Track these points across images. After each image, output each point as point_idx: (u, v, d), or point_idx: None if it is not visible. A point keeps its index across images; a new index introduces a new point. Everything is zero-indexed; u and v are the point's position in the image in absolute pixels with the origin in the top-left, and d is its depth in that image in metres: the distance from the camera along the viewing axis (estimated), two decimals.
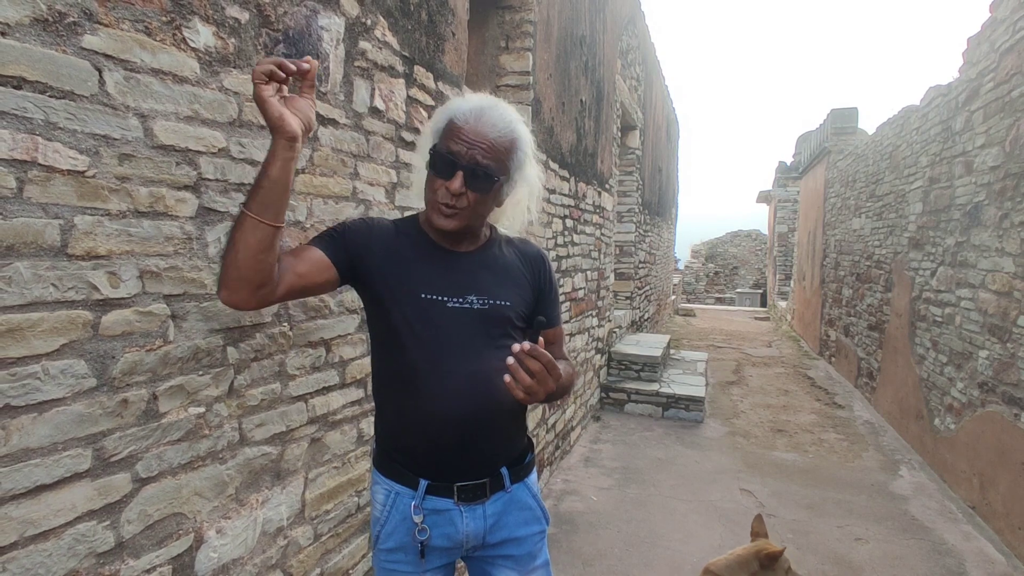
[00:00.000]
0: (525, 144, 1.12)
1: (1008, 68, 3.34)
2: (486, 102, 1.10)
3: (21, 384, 0.89)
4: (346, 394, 1.67)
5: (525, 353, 0.94)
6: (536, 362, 0.94)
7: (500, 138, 1.07)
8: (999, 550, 3.05)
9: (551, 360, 0.96)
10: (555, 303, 1.30)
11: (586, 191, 4.36)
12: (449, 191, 1.05)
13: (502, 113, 1.09)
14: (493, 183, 1.08)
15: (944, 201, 4.21)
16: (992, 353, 3.33)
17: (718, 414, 5.41)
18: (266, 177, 0.92)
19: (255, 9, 1.28)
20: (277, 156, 0.91)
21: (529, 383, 0.94)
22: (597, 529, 3.14)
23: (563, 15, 3.59)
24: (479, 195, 1.08)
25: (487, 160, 1.06)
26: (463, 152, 1.05)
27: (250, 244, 0.94)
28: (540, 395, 0.97)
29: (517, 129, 1.10)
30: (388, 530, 1.17)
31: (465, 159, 1.05)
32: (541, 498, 1.28)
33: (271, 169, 0.91)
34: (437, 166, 1.08)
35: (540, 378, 0.95)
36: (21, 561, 0.90)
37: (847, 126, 8.48)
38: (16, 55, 0.86)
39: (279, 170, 0.91)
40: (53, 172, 0.92)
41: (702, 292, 20.37)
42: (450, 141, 1.07)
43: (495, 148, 1.07)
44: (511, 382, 0.95)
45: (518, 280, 1.21)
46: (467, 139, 1.05)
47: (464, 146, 1.05)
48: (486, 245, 1.21)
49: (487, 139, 1.06)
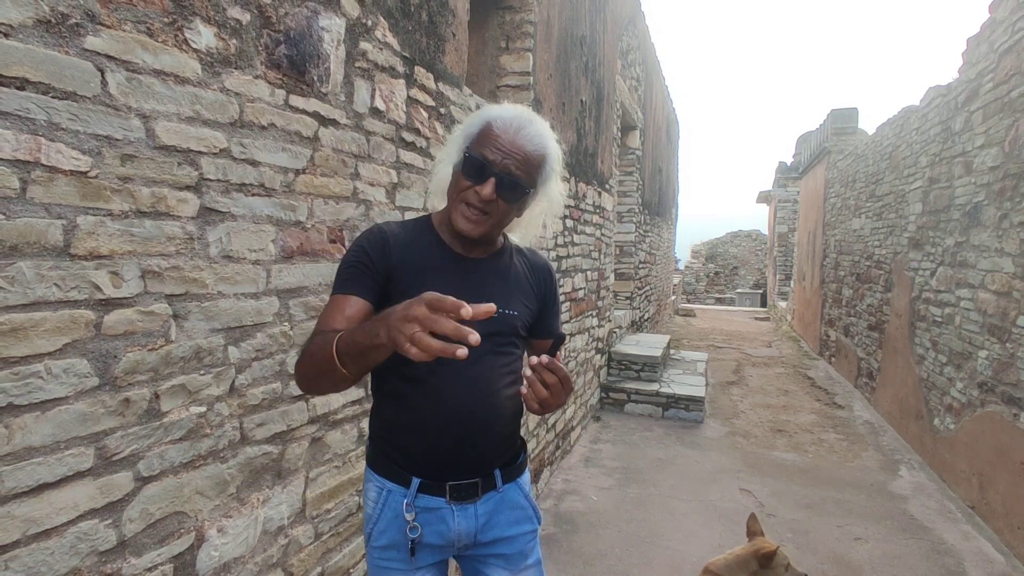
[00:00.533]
0: (554, 161, 1.13)
1: (1007, 69, 3.34)
2: (525, 116, 1.10)
3: (24, 383, 0.90)
4: (346, 394, 1.68)
5: (543, 367, 0.96)
6: (552, 376, 0.96)
7: (534, 153, 1.08)
8: (998, 550, 3.06)
9: (567, 375, 0.98)
10: (557, 315, 1.33)
11: (586, 191, 4.36)
12: (480, 196, 1.06)
13: (539, 129, 1.10)
14: (524, 194, 1.10)
15: (944, 201, 4.22)
16: (992, 353, 3.34)
17: (718, 414, 5.41)
18: (365, 356, 0.89)
19: (256, 10, 1.28)
20: (382, 348, 0.85)
21: (545, 396, 0.97)
22: (597, 529, 3.14)
23: (563, 15, 3.59)
24: (507, 204, 1.09)
25: (520, 172, 1.07)
26: (498, 160, 1.06)
27: (336, 386, 0.97)
28: (553, 408, 1.00)
29: (550, 146, 1.11)
30: (380, 527, 1.17)
31: (499, 167, 1.06)
32: (532, 498, 1.29)
33: (373, 354, 0.88)
34: (469, 170, 1.07)
35: (555, 391, 0.97)
36: (24, 559, 0.91)
37: (847, 126, 8.48)
38: (19, 56, 0.86)
39: (377, 356, 0.88)
40: (56, 172, 0.92)
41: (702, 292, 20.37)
42: (485, 148, 1.07)
43: (529, 161, 1.08)
44: (528, 394, 0.97)
45: (526, 291, 1.23)
46: (504, 148, 1.06)
47: (500, 155, 1.06)
48: (498, 253, 1.22)
49: (523, 151, 1.07)
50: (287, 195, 1.41)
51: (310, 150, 1.48)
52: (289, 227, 1.43)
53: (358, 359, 0.89)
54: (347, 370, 0.91)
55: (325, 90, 1.52)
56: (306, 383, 1.02)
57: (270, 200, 1.36)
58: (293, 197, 1.43)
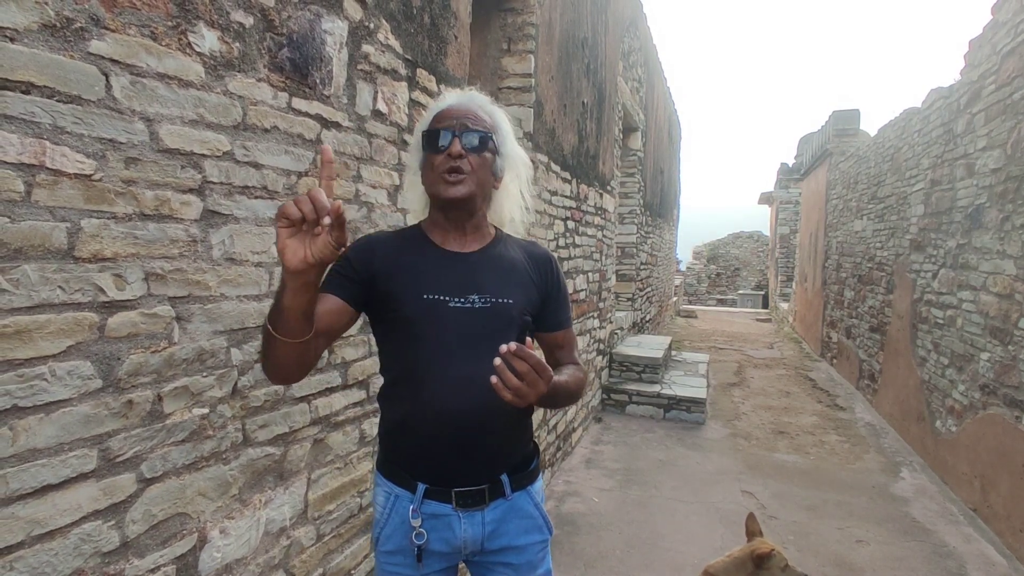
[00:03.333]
0: (504, 124, 1.20)
1: (1010, 71, 3.34)
2: (467, 93, 1.19)
3: (28, 385, 0.90)
4: (348, 395, 1.68)
5: (512, 354, 0.91)
6: (523, 363, 0.91)
7: (484, 114, 1.15)
8: (1000, 552, 3.05)
9: (539, 361, 0.93)
10: (564, 305, 1.29)
11: (588, 193, 4.37)
12: (450, 156, 1.09)
13: (483, 100, 1.19)
14: (488, 141, 1.13)
15: (946, 203, 4.21)
16: (993, 355, 3.33)
17: (719, 416, 5.41)
18: (281, 305, 0.90)
19: (259, 13, 1.29)
20: (286, 286, 0.88)
21: (517, 384, 0.91)
22: (598, 530, 3.14)
23: (565, 17, 3.60)
24: (478, 156, 1.12)
25: (476, 125, 1.13)
26: (454, 124, 1.11)
27: (289, 358, 0.97)
28: (530, 397, 0.94)
29: (496, 112, 1.20)
30: (387, 532, 1.17)
31: (457, 127, 1.11)
32: (544, 507, 1.26)
33: (284, 298, 0.89)
34: (431, 143, 1.12)
35: (529, 380, 0.92)
36: (28, 560, 0.91)
37: (849, 128, 8.47)
38: (24, 60, 0.87)
39: (290, 299, 0.89)
40: (60, 176, 0.93)
41: (704, 293, 20.36)
42: (438, 122, 1.13)
43: (480, 118, 1.14)
44: (498, 383, 0.92)
45: (523, 279, 1.20)
46: (454, 114, 1.13)
47: (453, 119, 1.12)
48: (491, 244, 1.20)
49: (472, 112, 1.14)
50: (289, 197, 1.41)
51: (312, 153, 1.48)
52: None
53: (276, 313, 0.92)
54: (276, 330, 0.92)
55: (328, 93, 1.52)
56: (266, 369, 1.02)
57: (273, 202, 1.36)
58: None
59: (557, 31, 3.45)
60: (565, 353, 1.29)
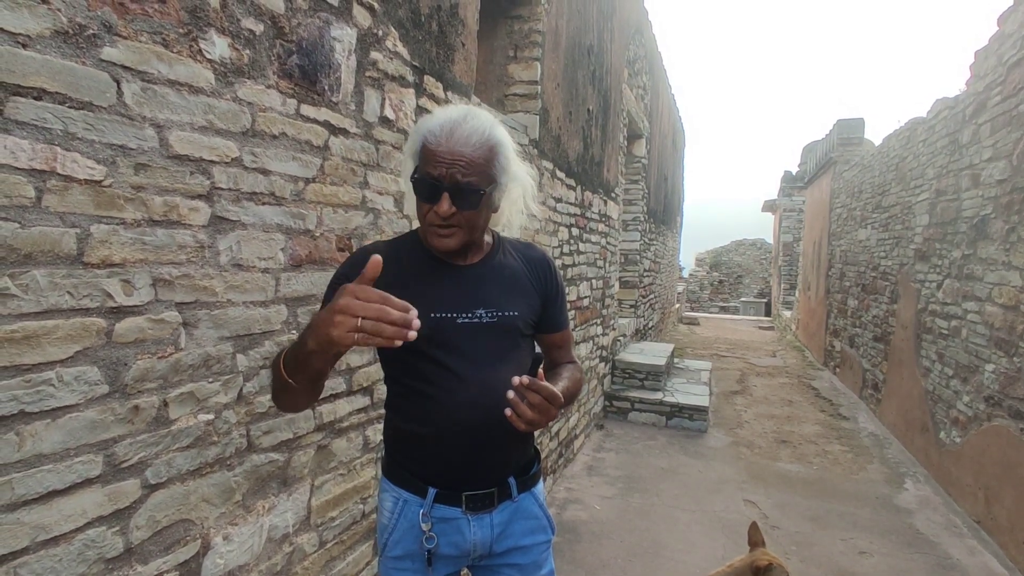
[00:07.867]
0: (505, 148, 1.09)
1: (1016, 82, 3.34)
2: (455, 114, 1.05)
3: (36, 391, 0.90)
4: (352, 401, 1.68)
5: (525, 387, 0.95)
6: (536, 395, 0.96)
7: (477, 150, 1.03)
8: (1004, 565, 3.03)
9: (552, 392, 0.97)
10: (563, 307, 1.30)
11: (592, 200, 4.37)
12: (439, 215, 1.04)
13: (474, 124, 1.04)
14: (480, 197, 1.06)
15: (951, 214, 4.20)
16: (998, 367, 3.32)
17: (722, 424, 5.39)
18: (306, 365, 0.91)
19: (269, 20, 1.30)
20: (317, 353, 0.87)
21: (531, 416, 0.96)
22: (600, 538, 3.13)
23: (571, 25, 3.61)
24: (470, 211, 1.06)
25: (468, 177, 1.03)
26: (443, 173, 1.02)
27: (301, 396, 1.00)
28: (542, 425, 0.99)
29: (494, 135, 1.06)
30: (396, 538, 1.17)
31: (447, 180, 1.02)
32: (547, 507, 1.29)
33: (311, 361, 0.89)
34: (422, 193, 1.06)
35: (541, 409, 0.96)
36: (32, 566, 0.91)
37: (853, 137, 8.48)
38: (37, 67, 0.87)
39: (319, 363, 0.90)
40: (71, 182, 0.93)
41: (706, 301, 20.33)
42: (428, 165, 1.04)
43: (474, 163, 1.03)
44: (513, 416, 0.96)
45: (525, 288, 1.20)
46: (444, 159, 1.02)
47: (443, 167, 1.02)
48: (490, 255, 1.20)
49: (463, 156, 1.02)
50: (297, 204, 1.42)
51: (320, 159, 1.49)
52: (298, 235, 1.43)
53: (299, 369, 0.92)
54: (295, 381, 0.93)
55: (336, 99, 1.53)
56: (275, 400, 1.04)
57: (280, 209, 1.37)
58: (303, 206, 1.44)
59: (563, 38, 3.46)
60: (563, 352, 1.32)
